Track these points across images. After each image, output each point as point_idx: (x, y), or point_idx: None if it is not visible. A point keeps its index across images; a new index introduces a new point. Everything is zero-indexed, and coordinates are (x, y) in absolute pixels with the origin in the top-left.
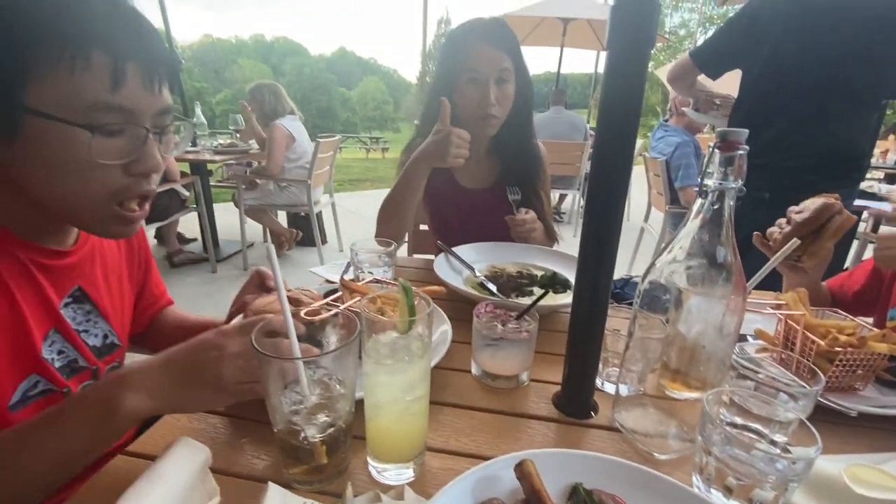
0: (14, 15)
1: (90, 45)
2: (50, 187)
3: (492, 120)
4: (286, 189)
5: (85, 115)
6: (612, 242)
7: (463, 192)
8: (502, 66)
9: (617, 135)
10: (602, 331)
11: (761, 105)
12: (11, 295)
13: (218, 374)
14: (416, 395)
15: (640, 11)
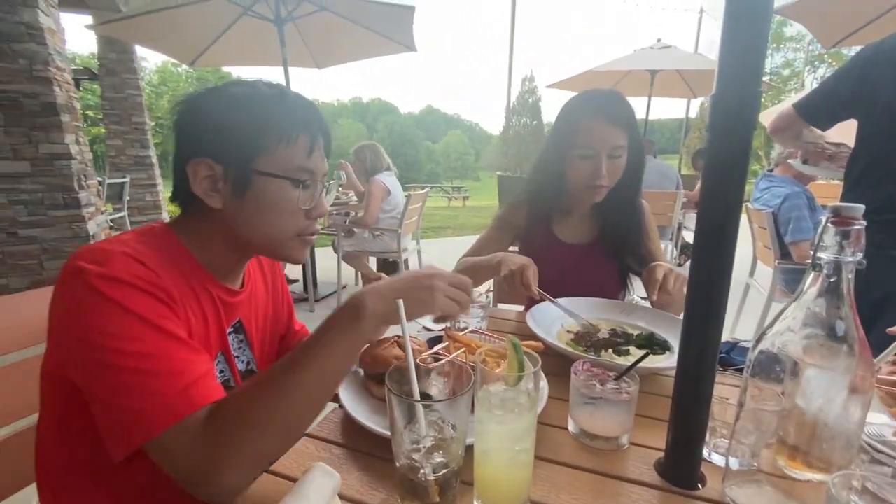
0: (257, 113)
1: (298, 129)
2: (260, 228)
3: (600, 190)
4: (379, 237)
5: (292, 174)
6: (721, 304)
7: (561, 246)
8: (616, 143)
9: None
10: (710, 397)
11: (883, 156)
12: (206, 317)
13: (431, 286)
14: (522, 447)
15: (741, 99)
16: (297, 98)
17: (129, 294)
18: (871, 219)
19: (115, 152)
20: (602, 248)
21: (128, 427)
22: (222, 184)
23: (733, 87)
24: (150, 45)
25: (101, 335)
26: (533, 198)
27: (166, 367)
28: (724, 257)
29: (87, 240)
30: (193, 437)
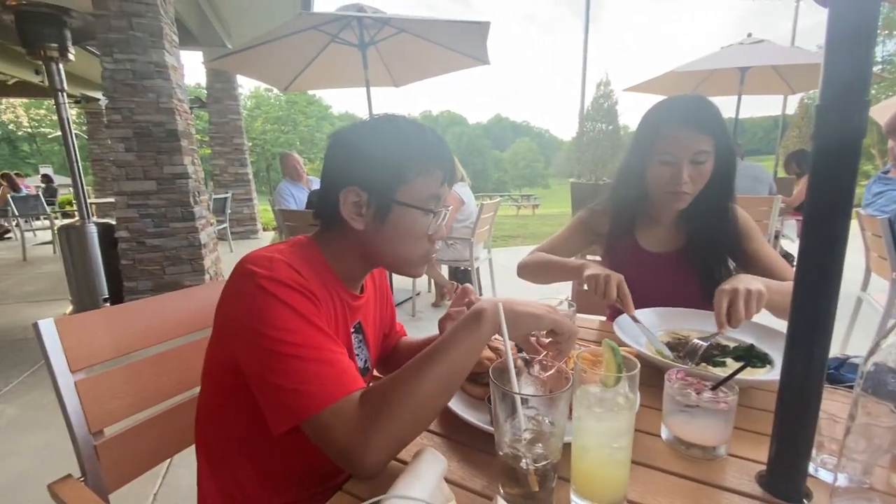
0: (401, 148)
1: (433, 164)
2: (393, 249)
3: (683, 196)
4: (452, 246)
5: (425, 203)
6: (829, 316)
7: (645, 254)
8: (699, 148)
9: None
10: (817, 410)
11: None
12: (336, 318)
13: (543, 307)
14: (620, 445)
15: (848, 108)
16: (432, 134)
17: (290, 294)
18: None
19: (219, 171)
20: (688, 258)
21: (291, 405)
22: (366, 209)
23: (840, 96)
24: (251, 75)
25: (269, 326)
26: (617, 204)
27: (321, 356)
28: (832, 269)
29: (199, 248)
30: (348, 418)
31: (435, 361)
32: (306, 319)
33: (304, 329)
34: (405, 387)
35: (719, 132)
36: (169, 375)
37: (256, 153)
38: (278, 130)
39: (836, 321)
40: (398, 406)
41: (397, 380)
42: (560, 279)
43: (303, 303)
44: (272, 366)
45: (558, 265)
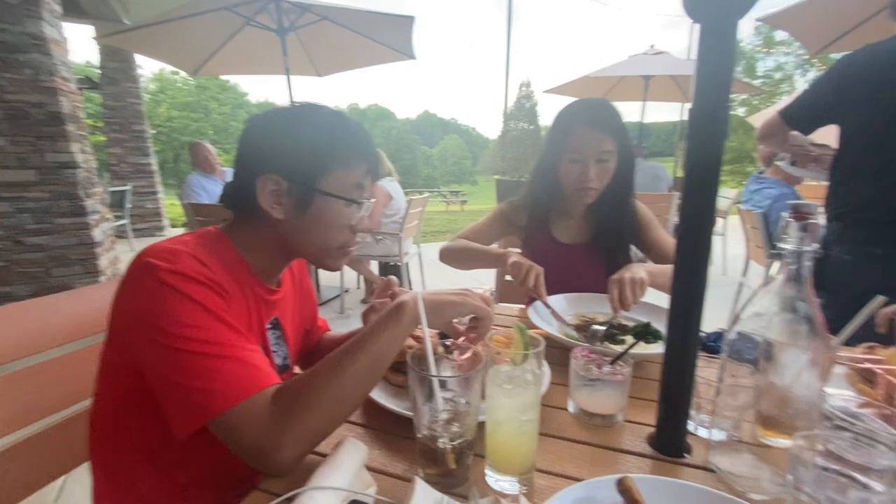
0: (325, 138)
1: (357, 154)
2: (313, 240)
3: (590, 192)
4: (381, 241)
5: (349, 193)
6: (701, 293)
7: (559, 246)
8: (604, 148)
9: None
10: (693, 373)
11: (865, 158)
12: (249, 314)
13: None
14: (528, 417)
15: (714, 111)
16: (356, 126)
17: (196, 288)
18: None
19: (116, 160)
20: (596, 247)
21: (197, 405)
22: (286, 198)
23: (707, 100)
24: (153, 55)
25: (172, 323)
26: (534, 200)
27: (231, 353)
28: (701, 252)
29: (92, 247)
30: (258, 414)
31: (355, 354)
32: (213, 314)
33: (210, 325)
34: (323, 380)
35: (621, 134)
36: (54, 387)
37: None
38: (187, 118)
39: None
40: (315, 400)
41: (315, 374)
42: (482, 266)
43: (209, 297)
44: (176, 365)
45: (483, 252)
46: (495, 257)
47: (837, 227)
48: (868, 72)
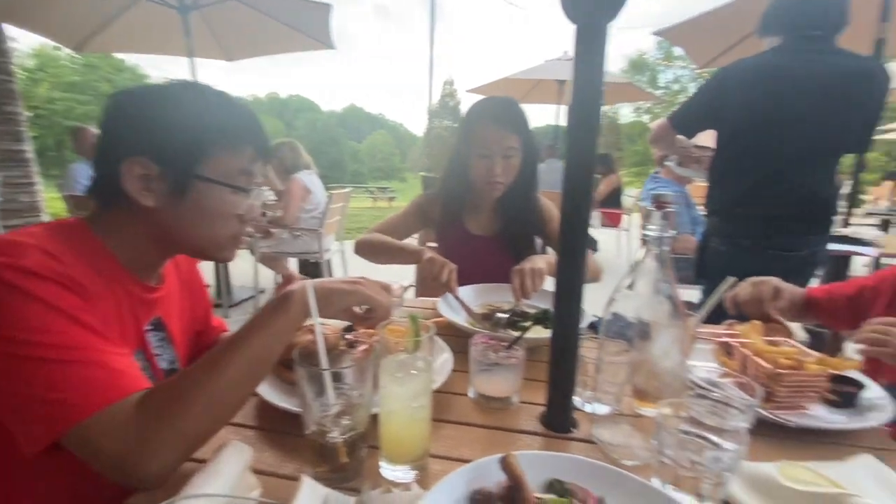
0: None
1: (243, 138)
2: (195, 231)
3: (497, 186)
4: (299, 238)
5: (233, 179)
6: (580, 279)
7: (470, 237)
8: (509, 144)
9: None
10: (576, 356)
11: (736, 160)
12: (121, 315)
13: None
14: (420, 404)
15: (588, 110)
16: (242, 107)
17: (43, 286)
18: (727, 213)
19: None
20: (505, 239)
21: (49, 417)
22: (157, 184)
23: (583, 94)
24: (26, 27)
25: (16, 328)
26: (447, 193)
27: (89, 358)
28: (579, 241)
29: None
30: (124, 422)
31: (235, 351)
32: (66, 315)
33: (62, 327)
34: (198, 381)
35: (525, 132)
36: None
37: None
38: (73, 100)
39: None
40: (189, 403)
41: (189, 375)
42: (398, 261)
43: (60, 295)
44: (22, 375)
45: (398, 248)
46: (410, 253)
47: (714, 221)
48: (739, 84)
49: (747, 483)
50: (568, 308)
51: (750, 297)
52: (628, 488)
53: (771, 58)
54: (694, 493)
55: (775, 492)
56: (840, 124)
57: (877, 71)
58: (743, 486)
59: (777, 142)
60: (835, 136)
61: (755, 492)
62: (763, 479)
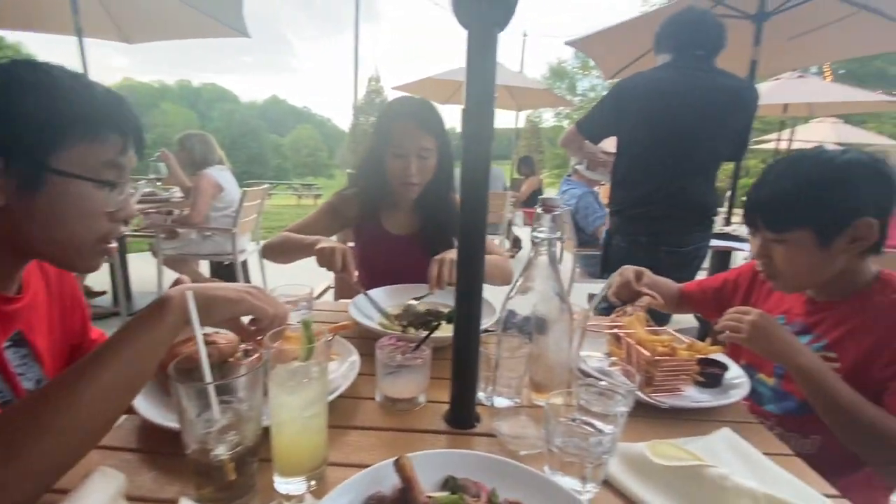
0: (56, 104)
1: (106, 126)
2: (53, 232)
3: (412, 187)
4: (210, 238)
5: (97, 172)
6: (480, 276)
7: (388, 237)
8: (424, 145)
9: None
10: (476, 353)
11: (633, 166)
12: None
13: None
14: (313, 412)
15: (482, 113)
16: (104, 91)
17: None
18: (626, 214)
19: None
20: (422, 239)
21: None
22: (3, 180)
23: (476, 97)
24: None
25: None
26: (362, 191)
27: None
28: (478, 241)
29: None
30: None
31: (101, 365)
32: None
33: None
34: (56, 401)
35: (441, 133)
36: None
37: None
38: None
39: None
40: (45, 427)
41: (44, 396)
42: (298, 257)
43: None
44: None
45: (296, 243)
46: (307, 246)
47: (616, 220)
48: (634, 96)
49: (623, 462)
50: (468, 306)
51: (620, 284)
52: (518, 478)
53: (661, 73)
54: (579, 477)
55: (647, 468)
56: (718, 135)
57: (748, 90)
58: (620, 465)
59: (666, 150)
60: (713, 146)
61: (630, 470)
62: (636, 458)
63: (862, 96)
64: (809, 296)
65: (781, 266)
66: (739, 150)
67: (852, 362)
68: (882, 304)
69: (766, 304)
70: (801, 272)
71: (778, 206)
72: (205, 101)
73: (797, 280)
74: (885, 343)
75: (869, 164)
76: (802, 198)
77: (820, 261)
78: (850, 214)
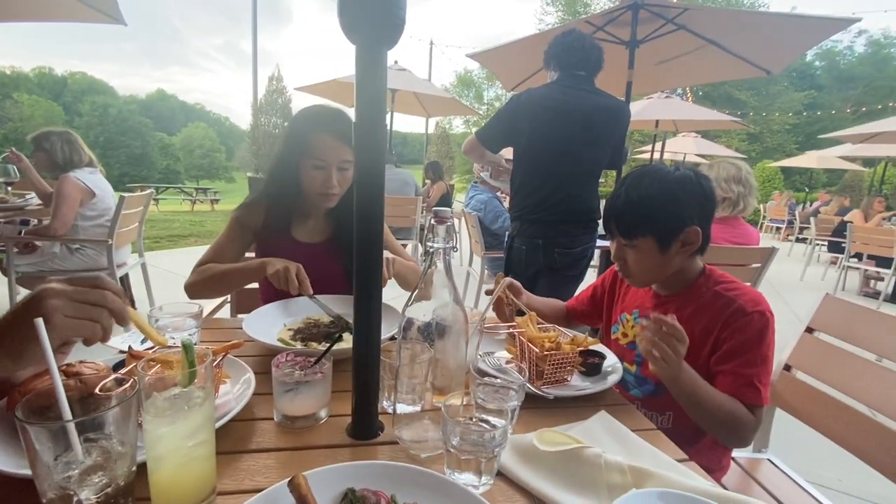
0: None
1: None
2: None
3: (332, 197)
4: (80, 251)
5: None
6: (377, 283)
7: (297, 245)
8: (344, 157)
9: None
10: (376, 363)
11: (529, 174)
12: None
13: (42, 307)
14: (199, 440)
15: (374, 124)
16: None
17: None
18: (525, 218)
19: None
20: (335, 245)
21: None
22: None
23: (366, 112)
24: None
25: None
26: (272, 201)
27: None
28: (375, 248)
29: None
30: None
31: None
32: None
33: None
34: None
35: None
36: None
37: None
38: None
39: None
40: None
41: None
42: (243, 284)
43: None
44: None
45: (237, 271)
46: (254, 270)
47: (516, 225)
48: (528, 109)
49: (515, 453)
50: (367, 315)
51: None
52: (417, 481)
53: (549, 91)
54: (475, 472)
55: (534, 456)
56: (599, 147)
57: (622, 107)
58: (511, 456)
59: (556, 160)
60: (596, 156)
61: (520, 459)
62: (525, 448)
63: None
64: (656, 291)
65: (632, 266)
66: (617, 160)
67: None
68: (705, 295)
69: (625, 301)
70: (647, 271)
71: (627, 216)
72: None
73: (645, 277)
74: (709, 330)
75: (694, 181)
76: (644, 210)
77: (661, 262)
78: (680, 224)
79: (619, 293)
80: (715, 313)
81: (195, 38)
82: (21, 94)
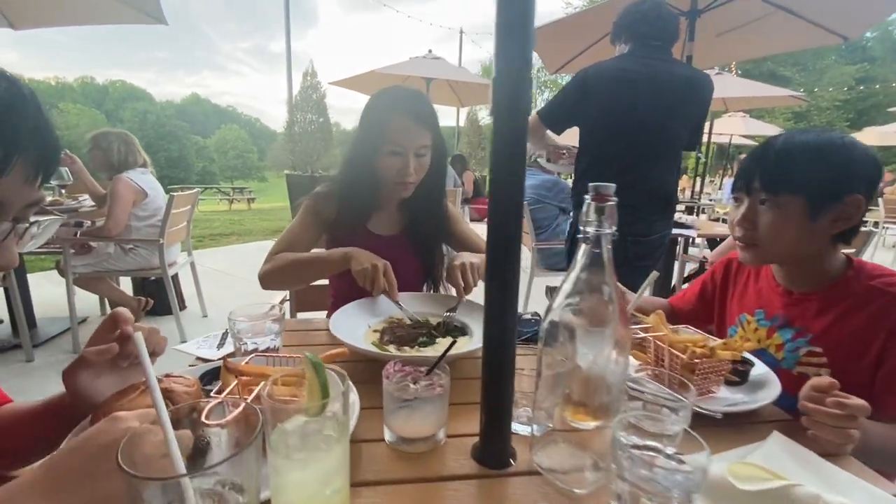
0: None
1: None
2: None
3: (409, 186)
4: (133, 251)
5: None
6: (515, 284)
7: (372, 237)
8: (422, 143)
9: (508, 190)
10: (512, 375)
11: (597, 155)
12: None
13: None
14: (335, 487)
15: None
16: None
17: None
18: None
19: None
20: (410, 238)
21: None
22: None
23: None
24: None
25: None
26: (345, 193)
27: None
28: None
29: None
30: None
31: None
32: None
33: None
34: None
35: (435, 129)
36: None
37: None
38: None
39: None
40: None
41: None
42: (322, 275)
43: None
44: None
45: (318, 260)
46: (336, 261)
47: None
48: (597, 85)
49: (707, 495)
50: (503, 316)
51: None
52: None
53: (623, 63)
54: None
55: (735, 497)
56: (678, 124)
57: (706, 80)
58: (703, 499)
59: (630, 138)
60: (674, 134)
61: (714, 501)
62: (718, 486)
63: (772, 92)
64: (786, 288)
65: (764, 232)
66: (694, 140)
67: (838, 355)
68: (859, 291)
69: (744, 299)
70: (782, 241)
71: (778, 165)
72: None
73: (775, 249)
74: (868, 338)
75: (861, 147)
76: (805, 157)
77: (802, 234)
78: (845, 186)
79: (735, 289)
80: (876, 315)
81: (225, 42)
82: (66, 104)
